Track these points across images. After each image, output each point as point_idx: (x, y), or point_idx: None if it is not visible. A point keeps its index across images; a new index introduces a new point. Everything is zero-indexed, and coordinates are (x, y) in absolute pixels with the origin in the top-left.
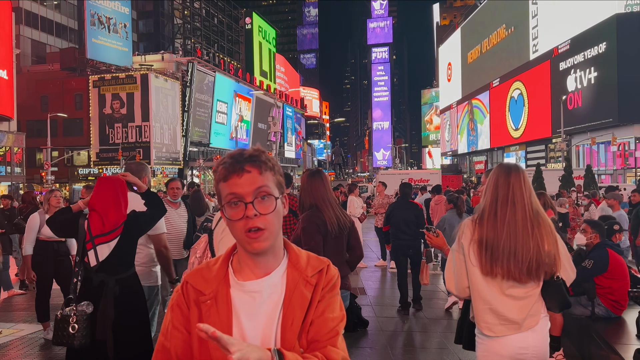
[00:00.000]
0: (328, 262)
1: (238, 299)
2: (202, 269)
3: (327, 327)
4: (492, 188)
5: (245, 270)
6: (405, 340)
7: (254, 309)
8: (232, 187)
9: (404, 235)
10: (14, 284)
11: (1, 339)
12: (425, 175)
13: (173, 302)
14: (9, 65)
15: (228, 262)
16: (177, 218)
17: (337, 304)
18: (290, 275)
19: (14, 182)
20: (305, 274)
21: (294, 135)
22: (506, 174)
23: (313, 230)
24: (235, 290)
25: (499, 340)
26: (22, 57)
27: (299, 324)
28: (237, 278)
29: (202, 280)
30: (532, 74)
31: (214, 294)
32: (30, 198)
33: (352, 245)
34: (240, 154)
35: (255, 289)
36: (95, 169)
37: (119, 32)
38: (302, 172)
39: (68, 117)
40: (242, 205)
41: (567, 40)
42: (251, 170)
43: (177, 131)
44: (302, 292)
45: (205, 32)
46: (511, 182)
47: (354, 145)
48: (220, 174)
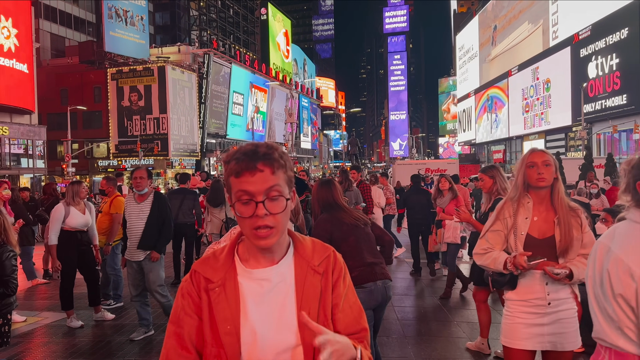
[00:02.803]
0: (333, 249)
1: (246, 286)
2: (209, 258)
3: (356, 325)
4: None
5: (251, 259)
6: (422, 329)
7: (261, 296)
8: (244, 184)
9: (418, 215)
10: (38, 273)
11: (26, 326)
12: (443, 165)
13: (183, 290)
14: (30, 59)
15: (234, 250)
16: (136, 214)
17: (354, 294)
18: (298, 264)
19: (35, 174)
20: (313, 263)
21: (309, 125)
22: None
23: (323, 237)
24: (242, 277)
25: None
26: (41, 51)
27: (316, 314)
28: (245, 266)
29: (210, 269)
30: (552, 61)
31: (222, 282)
32: (51, 190)
33: (377, 235)
34: (253, 152)
35: (263, 276)
36: (114, 161)
37: (136, 24)
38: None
39: (87, 109)
40: (253, 204)
41: (588, 26)
42: (264, 170)
43: (194, 123)
44: (312, 282)
45: (221, 23)
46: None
47: (370, 135)
48: (232, 169)
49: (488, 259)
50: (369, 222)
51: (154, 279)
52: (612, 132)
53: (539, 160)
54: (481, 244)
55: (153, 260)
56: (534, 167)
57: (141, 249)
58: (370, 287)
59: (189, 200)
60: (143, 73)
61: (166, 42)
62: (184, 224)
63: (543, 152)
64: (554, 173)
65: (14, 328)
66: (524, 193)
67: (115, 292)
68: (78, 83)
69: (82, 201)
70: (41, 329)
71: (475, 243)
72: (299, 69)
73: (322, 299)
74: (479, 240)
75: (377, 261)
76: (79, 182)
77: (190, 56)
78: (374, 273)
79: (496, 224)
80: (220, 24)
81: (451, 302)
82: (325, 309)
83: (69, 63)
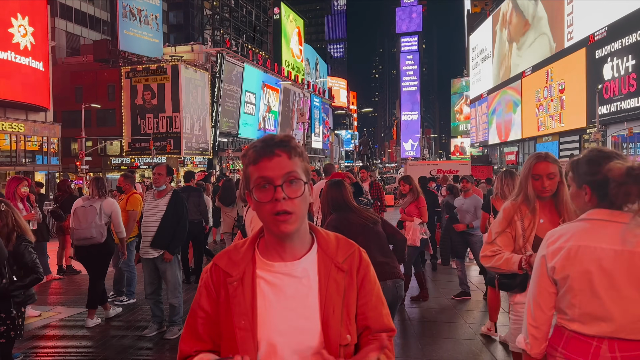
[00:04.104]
0: (357, 245)
1: (266, 281)
2: (230, 250)
3: (388, 324)
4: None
5: (272, 254)
6: (434, 330)
7: (282, 291)
8: (262, 170)
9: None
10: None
11: (40, 321)
12: (455, 166)
13: (202, 282)
14: (45, 58)
15: (254, 244)
16: (152, 210)
17: (381, 291)
18: (322, 261)
19: (50, 171)
20: (337, 260)
21: (321, 125)
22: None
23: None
24: (262, 271)
25: None
26: (57, 49)
27: (340, 312)
28: (266, 259)
29: (230, 262)
30: (566, 63)
31: (241, 276)
32: (66, 186)
33: (390, 233)
34: (271, 139)
35: (285, 271)
36: (127, 159)
37: (150, 23)
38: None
39: (101, 107)
40: (271, 188)
41: (603, 27)
42: (281, 155)
43: (207, 122)
44: (335, 279)
45: (234, 22)
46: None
47: (382, 135)
48: (250, 157)
49: (499, 260)
50: (379, 220)
51: (169, 279)
52: (627, 135)
53: (544, 173)
54: (490, 246)
55: (166, 260)
56: (539, 180)
57: (153, 247)
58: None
59: (194, 198)
60: (156, 72)
61: (179, 41)
62: (191, 222)
63: (547, 163)
64: (557, 181)
65: (28, 322)
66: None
67: (128, 289)
68: (92, 81)
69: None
70: (55, 324)
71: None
72: (311, 69)
73: (345, 297)
74: (485, 244)
75: (387, 260)
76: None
77: (203, 55)
78: (383, 272)
79: (505, 226)
80: (233, 23)
81: (464, 305)
82: (349, 307)
83: (84, 61)
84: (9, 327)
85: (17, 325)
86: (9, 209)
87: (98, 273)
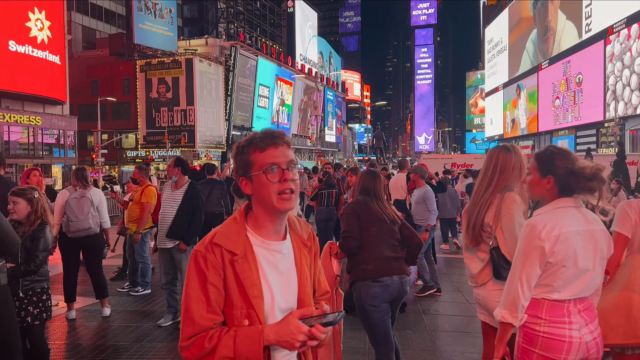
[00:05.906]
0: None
1: (262, 256)
2: (224, 231)
3: (326, 286)
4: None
5: (263, 232)
6: (447, 323)
7: (275, 265)
8: (270, 157)
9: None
10: None
11: (58, 310)
12: (469, 159)
13: (207, 263)
14: (62, 51)
15: (245, 224)
16: (169, 202)
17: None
18: (294, 238)
19: (67, 163)
20: (303, 238)
21: (334, 119)
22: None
23: (350, 216)
24: (259, 248)
25: None
26: (73, 43)
27: (310, 279)
28: (261, 238)
29: (231, 242)
30: (584, 55)
31: (244, 253)
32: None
33: (406, 236)
34: (272, 133)
35: (277, 248)
36: (142, 152)
37: (165, 17)
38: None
39: (117, 101)
40: (280, 171)
41: (622, 19)
42: (284, 145)
43: (221, 115)
44: (304, 254)
45: (248, 16)
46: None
47: (396, 129)
48: (257, 146)
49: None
50: (399, 222)
51: (185, 269)
52: None
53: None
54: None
55: (181, 251)
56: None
57: (169, 237)
58: (386, 281)
59: (217, 190)
60: (171, 65)
61: (194, 35)
62: (212, 213)
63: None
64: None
65: None
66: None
67: (143, 280)
68: (108, 74)
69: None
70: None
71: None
72: (325, 62)
73: (311, 267)
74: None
75: (395, 256)
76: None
77: (218, 49)
78: (390, 267)
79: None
80: (247, 16)
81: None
82: (315, 275)
83: (100, 55)
84: (41, 310)
85: (47, 307)
86: (40, 197)
87: (97, 263)
